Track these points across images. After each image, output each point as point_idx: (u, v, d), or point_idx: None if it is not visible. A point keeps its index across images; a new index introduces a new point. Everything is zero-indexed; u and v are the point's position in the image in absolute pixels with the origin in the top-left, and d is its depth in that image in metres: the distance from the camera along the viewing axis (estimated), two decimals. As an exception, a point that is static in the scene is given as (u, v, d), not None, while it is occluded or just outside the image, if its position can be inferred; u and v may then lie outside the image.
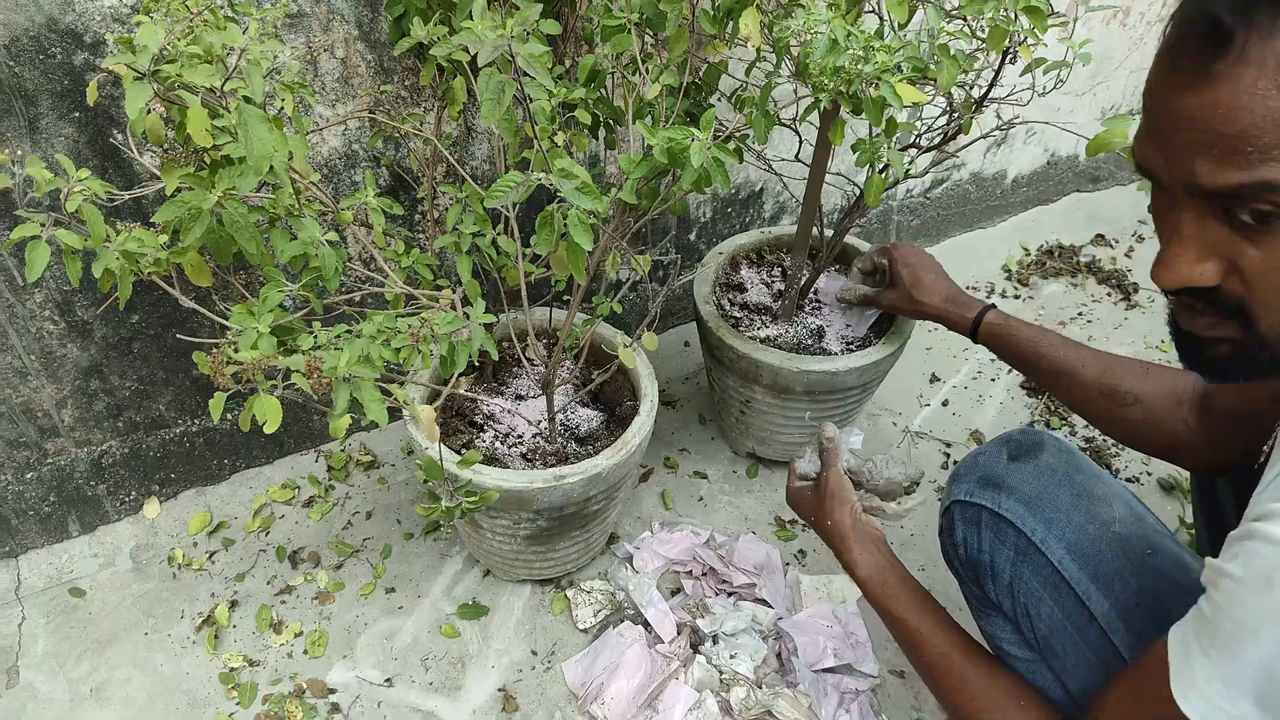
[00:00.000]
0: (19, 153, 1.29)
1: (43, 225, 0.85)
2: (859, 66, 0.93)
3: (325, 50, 1.40)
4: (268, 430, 0.91)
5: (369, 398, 0.84)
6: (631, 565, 1.65)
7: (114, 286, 1.00)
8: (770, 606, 1.58)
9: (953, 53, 1.04)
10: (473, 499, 1.24)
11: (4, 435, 1.53)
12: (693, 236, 2.00)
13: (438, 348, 1.00)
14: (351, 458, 1.83)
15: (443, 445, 1.35)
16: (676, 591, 1.62)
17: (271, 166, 0.92)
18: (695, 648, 1.51)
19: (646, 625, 1.54)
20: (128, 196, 1.04)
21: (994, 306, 1.41)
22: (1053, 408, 2.04)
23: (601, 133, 1.38)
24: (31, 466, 1.59)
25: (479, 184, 1.31)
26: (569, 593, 1.61)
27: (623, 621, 1.54)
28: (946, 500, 1.17)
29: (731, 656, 1.47)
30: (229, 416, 1.70)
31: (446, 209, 1.43)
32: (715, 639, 1.50)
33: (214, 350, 0.85)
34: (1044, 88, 1.30)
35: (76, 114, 1.30)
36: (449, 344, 0.94)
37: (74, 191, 0.84)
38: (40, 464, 1.59)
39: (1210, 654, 0.70)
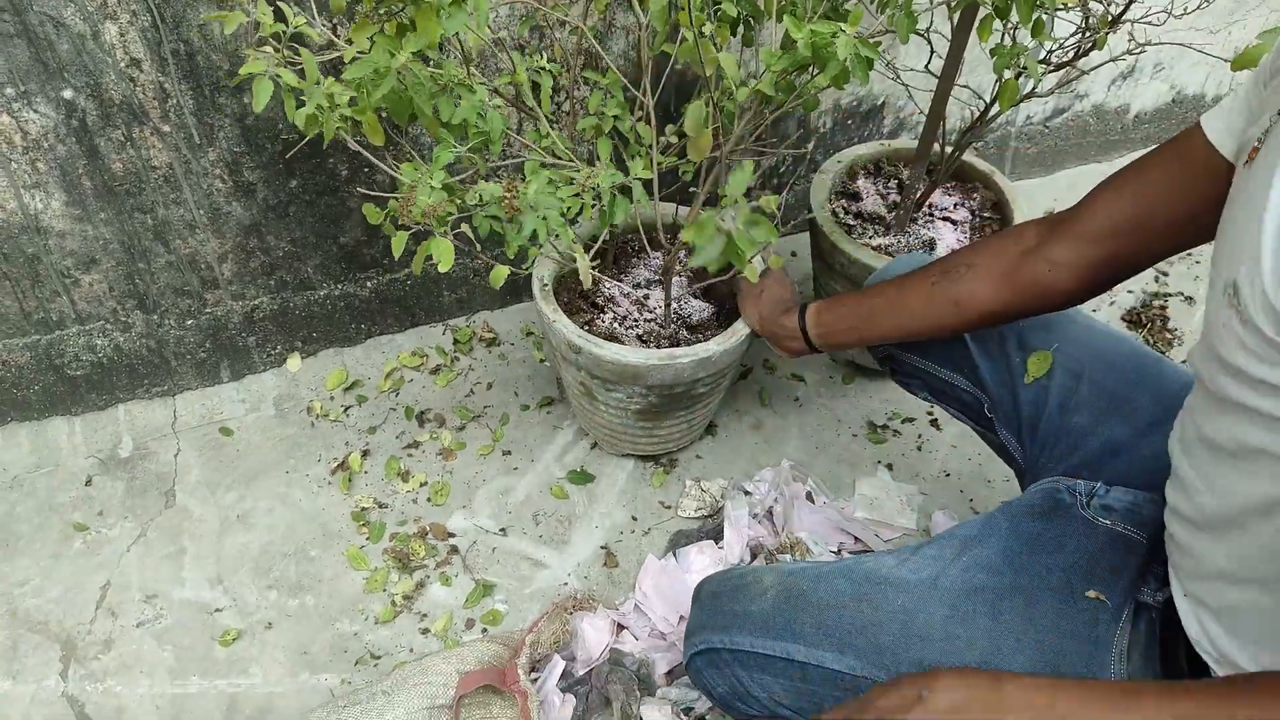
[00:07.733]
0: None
1: (269, 63, 0.96)
2: (1015, -39, 0.97)
3: (485, -63, 1.48)
4: (441, 268, 1.03)
5: (554, 220, 0.94)
6: (746, 492, 1.67)
7: (289, 141, 1.11)
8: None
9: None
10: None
11: (171, 283, 1.69)
12: (810, 146, 2.05)
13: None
14: (475, 333, 1.96)
15: (567, 316, 1.45)
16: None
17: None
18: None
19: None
20: (318, 61, 1.15)
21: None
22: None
23: (741, 30, 1.44)
24: (192, 315, 1.75)
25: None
26: (687, 482, 1.70)
27: (704, 539, 1.59)
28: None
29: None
30: (378, 281, 1.84)
31: (585, 100, 1.52)
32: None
33: (401, 192, 0.96)
34: (1185, 7, 1.32)
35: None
36: (610, 195, 1.03)
37: (289, 34, 0.96)
38: (200, 313, 1.75)
39: None
